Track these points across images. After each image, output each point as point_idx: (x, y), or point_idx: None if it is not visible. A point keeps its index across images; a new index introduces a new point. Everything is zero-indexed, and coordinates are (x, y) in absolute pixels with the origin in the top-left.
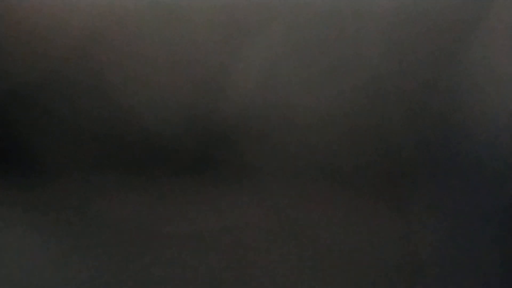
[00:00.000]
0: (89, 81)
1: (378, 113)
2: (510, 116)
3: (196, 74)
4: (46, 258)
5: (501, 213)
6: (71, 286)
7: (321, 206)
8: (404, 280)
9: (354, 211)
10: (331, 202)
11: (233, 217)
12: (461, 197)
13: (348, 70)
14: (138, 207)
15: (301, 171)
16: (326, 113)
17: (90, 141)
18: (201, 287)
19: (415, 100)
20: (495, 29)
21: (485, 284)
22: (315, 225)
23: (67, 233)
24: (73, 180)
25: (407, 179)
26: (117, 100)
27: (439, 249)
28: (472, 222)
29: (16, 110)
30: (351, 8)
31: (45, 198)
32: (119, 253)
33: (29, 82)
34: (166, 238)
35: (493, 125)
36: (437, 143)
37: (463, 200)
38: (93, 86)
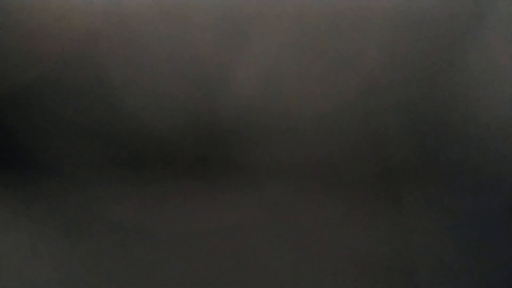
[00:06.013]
0: (89, 82)
1: (376, 114)
2: (509, 117)
3: (196, 76)
4: (47, 257)
5: (501, 214)
6: (71, 285)
7: (320, 206)
8: (402, 279)
9: (352, 211)
10: (330, 202)
11: (232, 217)
12: (459, 197)
13: (347, 71)
14: (138, 207)
15: (300, 172)
16: (325, 115)
17: (89, 142)
18: (200, 286)
19: (414, 101)
20: (495, 30)
21: (483, 284)
22: (314, 225)
23: (67, 232)
24: (73, 180)
25: (405, 180)
26: (117, 101)
27: (437, 249)
28: (470, 223)
29: (17, 110)
30: (350, 11)
31: (46, 197)
32: (119, 252)
33: (30, 82)
34: (166, 237)
35: (492, 127)
36: (435, 143)
37: (462, 201)
38: (92, 86)
